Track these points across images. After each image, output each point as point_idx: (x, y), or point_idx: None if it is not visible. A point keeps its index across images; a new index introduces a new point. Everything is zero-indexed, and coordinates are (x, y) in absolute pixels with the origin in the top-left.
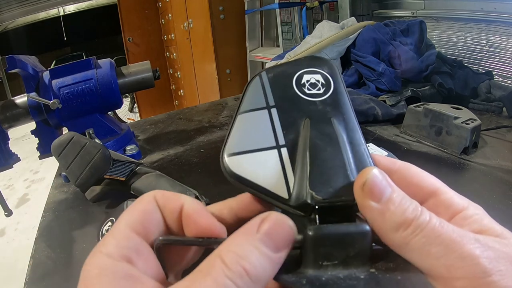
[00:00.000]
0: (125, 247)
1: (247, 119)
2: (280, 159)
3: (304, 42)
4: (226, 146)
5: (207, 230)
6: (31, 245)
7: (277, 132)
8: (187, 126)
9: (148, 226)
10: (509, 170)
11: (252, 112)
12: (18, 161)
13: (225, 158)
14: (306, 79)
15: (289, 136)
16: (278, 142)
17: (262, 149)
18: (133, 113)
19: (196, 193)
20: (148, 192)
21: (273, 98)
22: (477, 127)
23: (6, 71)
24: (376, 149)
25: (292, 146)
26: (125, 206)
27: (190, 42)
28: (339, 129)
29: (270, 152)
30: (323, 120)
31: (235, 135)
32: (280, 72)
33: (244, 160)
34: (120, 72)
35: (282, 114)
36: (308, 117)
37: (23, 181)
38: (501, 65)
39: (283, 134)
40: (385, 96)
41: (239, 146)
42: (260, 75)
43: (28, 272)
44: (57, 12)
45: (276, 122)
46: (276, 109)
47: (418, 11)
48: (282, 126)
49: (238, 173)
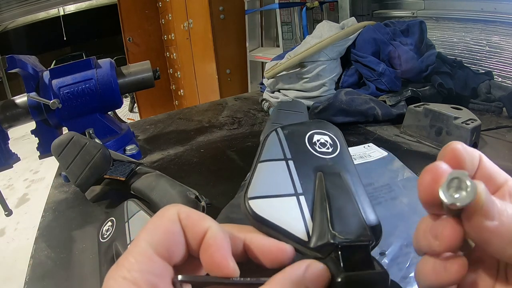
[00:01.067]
0: (150, 273)
1: (267, 168)
2: (299, 205)
3: (304, 42)
4: (249, 190)
5: (219, 269)
6: (31, 245)
7: (295, 181)
8: (187, 126)
9: (172, 250)
10: (509, 170)
11: (272, 162)
12: (18, 161)
13: (248, 201)
14: (316, 139)
15: (306, 185)
16: (296, 190)
17: (283, 195)
18: (133, 113)
19: (196, 193)
20: (171, 207)
21: (290, 152)
22: (477, 127)
23: (6, 71)
24: (375, 149)
25: (309, 194)
26: (125, 206)
27: (190, 42)
28: (348, 182)
29: (290, 198)
30: (334, 174)
31: (257, 180)
32: (294, 130)
33: (266, 204)
34: (120, 72)
35: (298, 166)
36: (321, 171)
37: (23, 181)
38: (501, 65)
39: (300, 183)
40: (385, 96)
41: (261, 191)
42: (277, 131)
43: (28, 272)
44: (57, 12)
45: (293, 173)
46: (293, 161)
47: (418, 11)
48: (299, 176)
49: (261, 215)
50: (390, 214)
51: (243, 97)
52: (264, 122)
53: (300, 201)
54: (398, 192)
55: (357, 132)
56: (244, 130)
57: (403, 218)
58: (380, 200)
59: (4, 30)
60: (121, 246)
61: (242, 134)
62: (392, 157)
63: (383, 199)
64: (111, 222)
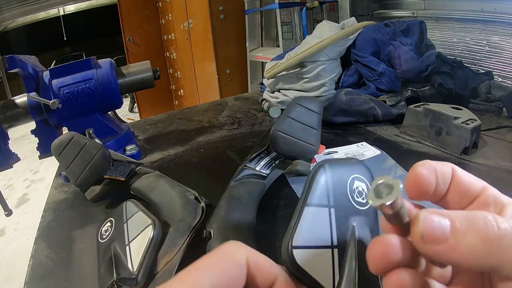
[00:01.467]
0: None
1: (313, 214)
2: (332, 258)
3: (304, 42)
4: (294, 238)
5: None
6: (31, 245)
7: (333, 232)
8: (187, 126)
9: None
10: (509, 170)
11: (318, 208)
12: (18, 161)
13: (293, 250)
14: (356, 186)
15: (340, 238)
16: (332, 242)
17: (321, 246)
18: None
19: (195, 194)
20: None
21: (333, 198)
22: (477, 127)
23: (6, 71)
24: (369, 148)
25: (342, 248)
26: (124, 207)
27: (190, 42)
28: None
29: (326, 250)
30: (364, 230)
31: (302, 228)
32: (340, 171)
33: (306, 254)
34: (120, 72)
35: (338, 216)
36: (354, 225)
37: (23, 181)
38: (501, 65)
39: (337, 235)
40: (385, 96)
41: (305, 241)
42: (325, 168)
43: (28, 272)
44: (57, 12)
45: (333, 223)
46: (334, 209)
47: (418, 11)
48: (337, 227)
49: (301, 265)
50: None
51: (243, 97)
52: (264, 122)
53: (333, 254)
54: None
55: (357, 132)
56: (244, 130)
57: None
58: None
59: (4, 30)
60: (119, 247)
61: (242, 134)
62: (385, 156)
63: None
64: (110, 222)
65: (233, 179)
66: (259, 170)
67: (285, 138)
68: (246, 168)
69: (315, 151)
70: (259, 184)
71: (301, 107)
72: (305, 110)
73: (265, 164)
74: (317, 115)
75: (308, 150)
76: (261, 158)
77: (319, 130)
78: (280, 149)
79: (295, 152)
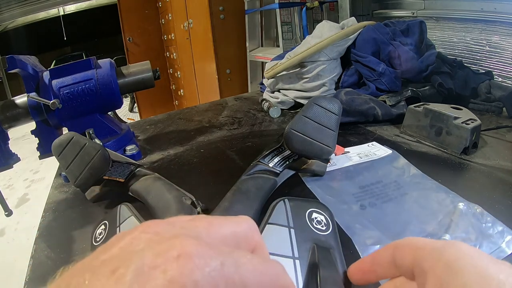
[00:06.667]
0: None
1: (274, 230)
2: (295, 268)
3: (304, 42)
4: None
5: None
6: (31, 245)
7: (294, 247)
8: (187, 126)
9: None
10: (509, 170)
11: (278, 226)
12: (18, 161)
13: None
14: (314, 216)
15: (302, 253)
16: (294, 254)
17: (282, 255)
18: (133, 113)
19: (192, 198)
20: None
21: (293, 222)
22: (477, 127)
23: (6, 71)
24: (379, 147)
25: (304, 260)
26: (118, 210)
27: (190, 42)
28: (336, 257)
29: (288, 259)
30: (324, 249)
31: (265, 238)
32: (298, 205)
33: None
34: (120, 72)
35: (298, 236)
36: (315, 244)
37: (23, 181)
38: (501, 65)
39: (298, 250)
40: (385, 96)
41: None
42: (285, 202)
43: (28, 272)
44: (57, 12)
45: (293, 240)
46: (294, 230)
47: (418, 11)
48: (297, 244)
49: None
50: (403, 210)
51: (243, 97)
52: (264, 122)
53: (296, 265)
54: (407, 188)
55: (357, 132)
56: (244, 130)
57: (414, 214)
58: (391, 197)
59: (4, 30)
60: None
61: (242, 134)
62: (397, 155)
63: (393, 195)
64: (104, 225)
65: (245, 173)
66: (272, 167)
67: (299, 137)
68: (260, 163)
69: (330, 152)
70: (270, 180)
71: (319, 107)
72: (322, 110)
73: (278, 162)
74: (335, 116)
75: (323, 151)
76: (275, 155)
77: (336, 132)
78: (293, 148)
79: (309, 152)
